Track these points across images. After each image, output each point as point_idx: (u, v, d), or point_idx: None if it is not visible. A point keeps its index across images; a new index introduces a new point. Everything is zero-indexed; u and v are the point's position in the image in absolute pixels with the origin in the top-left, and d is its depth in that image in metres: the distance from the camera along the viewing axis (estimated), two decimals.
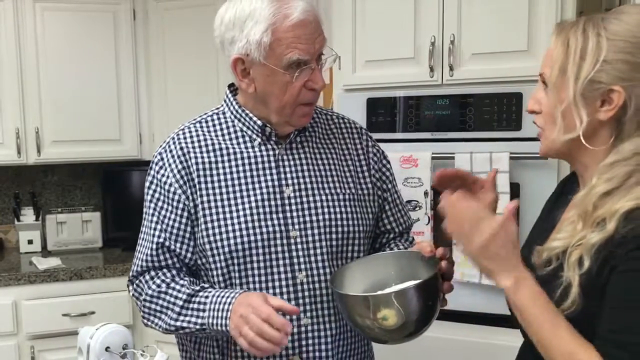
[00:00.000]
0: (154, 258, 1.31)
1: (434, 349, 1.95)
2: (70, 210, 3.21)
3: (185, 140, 1.33)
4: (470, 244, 1.00)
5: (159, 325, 1.30)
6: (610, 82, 0.96)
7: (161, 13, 3.05)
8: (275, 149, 1.33)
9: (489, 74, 2.07)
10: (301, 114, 1.29)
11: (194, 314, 1.24)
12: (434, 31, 2.13)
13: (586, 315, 0.94)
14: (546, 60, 1.04)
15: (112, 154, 3.07)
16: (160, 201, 1.32)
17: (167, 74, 3.07)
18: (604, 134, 1.00)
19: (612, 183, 0.96)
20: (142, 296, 1.31)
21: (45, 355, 2.75)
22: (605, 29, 0.97)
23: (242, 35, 1.22)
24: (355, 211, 1.35)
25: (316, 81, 1.24)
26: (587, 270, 0.94)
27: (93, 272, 2.80)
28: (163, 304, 1.28)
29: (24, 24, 2.90)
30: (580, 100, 0.98)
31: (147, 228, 1.33)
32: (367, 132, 1.48)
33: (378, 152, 1.45)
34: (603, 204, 0.96)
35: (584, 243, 0.96)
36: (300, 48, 1.20)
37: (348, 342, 1.37)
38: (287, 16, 1.20)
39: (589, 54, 0.97)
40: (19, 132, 2.92)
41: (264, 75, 1.24)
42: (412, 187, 2.15)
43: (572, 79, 0.98)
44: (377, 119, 2.24)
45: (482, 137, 2.08)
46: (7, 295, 2.69)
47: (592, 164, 1.02)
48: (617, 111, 0.97)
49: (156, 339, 2.70)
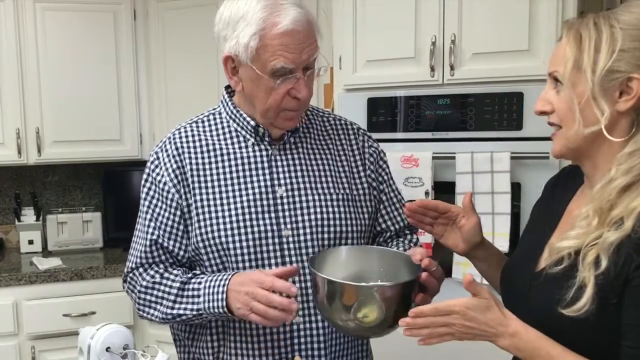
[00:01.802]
0: (148, 255, 1.33)
1: (433, 348, 1.95)
2: (70, 211, 3.21)
3: (180, 140, 1.35)
4: (459, 336, 1.03)
5: (155, 315, 1.31)
6: (629, 70, 0.95)
7: (162, 13, 3.05)
8: (269, 149, 1.35)
9: (490, 73, 2.07)
10: (285, 117, 1.30)
11: (189, 300, 1.26)
12: (435, 31, 2.13)
13: (598, 317, 0.94)
14: (556, 59, 1.03)
15: (112, 154, 3.08)
16: (154, 199, 1.34)
17: (167, 74, 3.07)
18: (623, 125, 0.99)
19: (630, 175, 0.96)
20: (137, 288, 1.34)
21: (45, 356, 2.75)
22: (617, 20, 0.97)
23: (234, 35, 1.24)
24: (348, 211, 1.35)
25: (299, 90, 1.25)
26: (605, 270, 0.93)
27: (94, 272, 2.80)
28: (157, 294, 1.30)
29: (24, 24, 2.90)
30: (599, 91, 0.97)
31: (142, 225, 1.36)
32: (365, 132, 1.48)
33: (375, 152, 1.45)
34: (620, 202, 0.95)
35: (600, 242, 0.95)
36: (286, 57, 1.21)
37: (342, 340, 1.37)
38: (276, 24, 1.20)
39: (604, 45, 0.96)
40: (19, 132, 2.92)
41: (250, 77, 1.27)
42: (413, 187, 2.14)
43: (589, 71, 0.97)
44: (378, 118, 2.23)
45: (483, 136, 2.07)
46: (7, 296, 2.69)
47: (605, 159, 1.01)
48: (636, 100, 0.96)
49: (157, 339, 2.71)
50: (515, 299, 1.11)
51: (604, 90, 0.97)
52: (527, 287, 1.08)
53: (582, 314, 0.93)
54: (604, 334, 0.95)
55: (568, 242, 1.00)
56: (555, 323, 0.98)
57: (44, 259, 2.94)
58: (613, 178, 0.97)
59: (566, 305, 0.95)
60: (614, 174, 0.97)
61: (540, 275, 1.05)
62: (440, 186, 2.13)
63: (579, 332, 0.96)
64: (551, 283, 1.00)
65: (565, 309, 0.95)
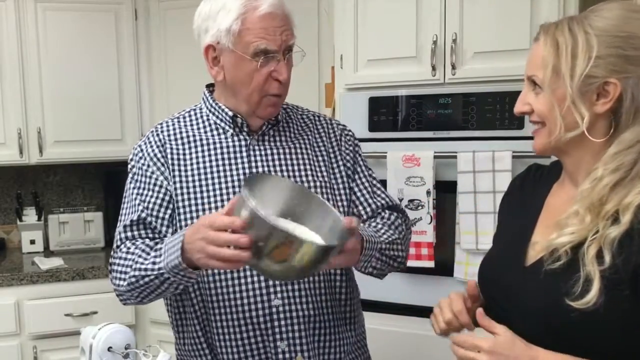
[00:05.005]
0: (134, 232, 1.35)
1: (433, 348, 1.95)
2: (72, 210, 3.21)
3: (162, 133, 1.41)
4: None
5: (122, 284, 1.31)
6: (606, 75, 1.00)
7: (163, 12, 3.05)
8: (247, 139, 1.39)
9: (491, 72, 2.06)
10: (268, 103, 1.34)
11: (151, 260, 1.25)
12: (436, 30, 2.12)
13: (609, 309, 0.96)
14: (534, 63, 1.08)
15: (114, 154, 3.07)
16: (140, 186, 1.37)
17: (168, 74, 3.07)
18: (601, 126, 1.04)
19: (619, 173, 1.00)
20: (112, 260, 1.36)
21: (47, 356, 2.75)
22: (591, 26, 1.01)
23: (215, 24, 1.30)
24: (326, 198, 1.36)
25: (281, 72, 1.30)
26: (610, 264, 0.96)
27: (95, 272, 2.81)
28: (128, 263, 1.30)
29: (25, 24, 2.90)
30: (578, 96, 1.01)
31: (127, 209, 1.38)
32: (345, 127, 1.51)
33: (349, 142, 1.48)
34: (612, 197, 0.99)
35: (598, 237, 0.98)
36: (267, 38, 1.28)
37: (327, 325, 1.36)
38: (256, 7, 1.28)
39: (580, 52, 1.01)
40: (21, 132, 2.92)
41: (232, 62, 1.31)
42: (415, 186, 2.14)
43: (567, 77, 1.02)
44: (379, 118, 2.23)
45: (485, 135, 2.07)
46: (9, 296, 2.69)
47: (587, 158, 1.06)
48: (613, 103, 1.01)
49: (159, 339, 2.71)
50: (504, 295, 1.12)
51: (582, 95, 1.02)
52: (519, 282, 1.09)
53: (591, 306, 0.96)
54: (616, 325, 0.97)
55: (565, 238, 1.02)
56: (563, 316, 0.99)
57: (45, 259, 2.94)
58: (601, 177, 1.01)
59: (575, 298, 0.97)
60: (602, 173, 1.01)
61: (536, 270, 1.06)
62: (442, 185, 2.13)
63: (588, 324, 0.98)
64: (553, 278, 1.02)
65: (574, 301, 0.97)
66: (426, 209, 2.13)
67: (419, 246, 2.14)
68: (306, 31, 2.76)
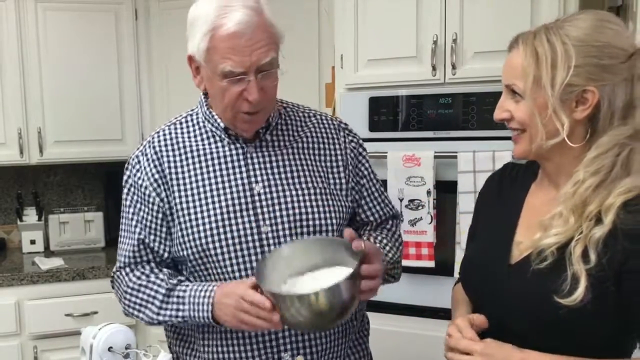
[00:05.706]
0: (136, 254, 1.37)
1: (432, 348, 1.94)
2: (72, 210, 3.21)
3: (159, 144, 1.38)
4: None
5: (141, 318, 1.35)
6: (583, 84, 1.04)
7: (163, 12, 3.05)
8: (244, 147, 1.36)
9: (492, 72, 2.05)
10: (242, 120, 1.29)
11: (174, 307, 1.30)
12: (436, 30, 2.12)
13: (596, 305, 1.00)
14: (513, 72, 1.10)
15: (114, 154, 3.07)
16: (137, 202, 1.37)
17: (169, 74, 3.07)
18: (579, 131, 1.08)
19: (600, 176, 1.04)
20: (122, 288, 1.37)
21: (48, 355, 2.75)
22: (567, 36, 1.05)
23: (192, 35, 1.26)
24: (326, 204, 1.35)
25: (250, 93, 1.22)
26: (596, 263, 1.00)
27: (96, 272, 2.81)
28: (143, 297, 1.33)
29: (26, 24, 2.91)
30: (559, 104, 1.05)
31: (127, 226, 1.39)
32: (346, 127, 1.48)
33: (355, 147, 1.46)
34: (594, 198, 1.03)
35: (582, 237, 1.02)
36: (234, 60, 1.20)
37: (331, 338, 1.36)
38: (222, 25, 1.20)
39: (559, 62, 1.04)
40: (21, 132, 2.92)
41: (207, 77, 1.28)
42: (415, 186, 2.14)
43: (548, 87, 1.05)
44: (380, 118, 2.23)
45: (485, 135, 2.07)
46: (9, 296, 2.69)
47: (567, 162, 1.10)
48: (591, 110, 1.05)
49: (159, 339, 2.71)
50: (490, 292, 1.15)
51: (563, 103, 1.05)
52: (505, 279, 1.12)
53: (578, 303, 0.99)
54: (602, 320, 1.02)
55: (551, 239, 1.05)
56: (551, 313, 1.02)
57: (45, 259, 2.94)
58: (583, 180, 1.05)
59: (563, 295, 1.01)
60: (584, 176, 1.05)
61: (522, 269, 1.09)
62: (442, 185, 2.13)
63: (576, 320, 1.01)
64: (540, 276, 1.05)
65: (562, 299, 1.00)
66: (426, 209, 2.13)
67: (420, 246, 2.14)
68: (306, 31, 2.76)
